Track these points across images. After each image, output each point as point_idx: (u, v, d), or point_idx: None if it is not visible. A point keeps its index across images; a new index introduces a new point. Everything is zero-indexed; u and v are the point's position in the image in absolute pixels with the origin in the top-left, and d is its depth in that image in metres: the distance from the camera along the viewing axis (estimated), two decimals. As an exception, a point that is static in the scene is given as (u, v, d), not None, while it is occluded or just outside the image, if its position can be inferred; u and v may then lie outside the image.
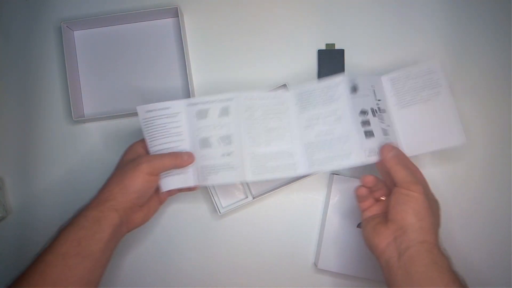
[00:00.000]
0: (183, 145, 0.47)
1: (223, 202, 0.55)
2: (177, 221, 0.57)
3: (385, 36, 0.57)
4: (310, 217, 0.56)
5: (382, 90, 0.49)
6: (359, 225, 0.54)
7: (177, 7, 0.54)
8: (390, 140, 0.48)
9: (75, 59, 0.58)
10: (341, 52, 0.56)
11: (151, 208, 0.49)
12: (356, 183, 0.54)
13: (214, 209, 0.54)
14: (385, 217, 0.44)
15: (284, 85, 0.55)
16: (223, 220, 0.57)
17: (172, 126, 0.47)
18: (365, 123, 0.47)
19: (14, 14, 0.58)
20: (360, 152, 0.47)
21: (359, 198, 0.47)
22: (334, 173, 0.55)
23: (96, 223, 0.43)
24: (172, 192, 0.50)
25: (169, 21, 0.58)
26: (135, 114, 0.56)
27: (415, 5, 0.57)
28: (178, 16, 0.55)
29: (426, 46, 0.56)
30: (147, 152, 0.48)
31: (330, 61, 0.56)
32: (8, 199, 0.57)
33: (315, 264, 0.55)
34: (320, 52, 0.56)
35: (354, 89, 0.47)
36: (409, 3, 0.57)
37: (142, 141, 0.48)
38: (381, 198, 0.48)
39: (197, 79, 0.57)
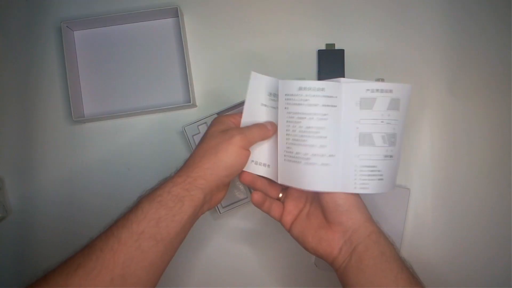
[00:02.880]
0: (330, 135, 0.39)
1: (223, 202, 0.55)
2: (177, 221, 0.57)
3: (385, 36, 0.57)
4: (310, 217, 0.56)
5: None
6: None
7: (177, 7, 0.54)
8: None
9: (75, 59, 0.58)
10: (341, 52, 0.56)
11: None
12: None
13: (214, 209, 0.54)
14: (317, 218, 0.42)
15: None
16: (223, 220, 0.57)
17: (326, 111, 0.39)
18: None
19: (14, 14, 0.58)
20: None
21: (262, 207, 0.44)
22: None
23: (179, 203, 0.39)
24: (250, 179, 0.44)
25: (169, 21, 0.58)
26: (135, 114, 0.56)
27: (415, 5, 0.57)
28: (178, 16, 0.55)
29: (426, 45, 0.56)
30: (236, 125, 0.43)
31: (330, 61, 0.56)
32: (8, 199, 0.57)
33: (315, 264, 0.55)
34: (320, 52, 0.56)
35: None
36: (409, 3, 0.57)
37: (230, 115, 0.44)
38: (279, 195, 0.45)
39: (197, 79, 0.57)
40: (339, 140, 0.39)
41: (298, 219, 0.43)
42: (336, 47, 0.56)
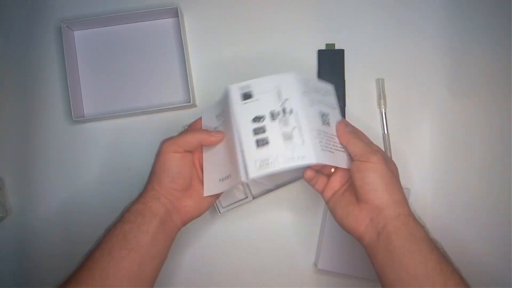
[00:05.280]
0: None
1: (223, 202, 0.55)
2: (177, 221, 0.57)
3: (385, 36, 0.57)
4: (310, 217, 0.56)
5: (291, 87, 0.44)
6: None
7: (177, 7, 0.54)
8: (294, 144, 0.42)
9: (75, 59, 0.58)
10: (341, 52, 0.56)
11: (201, 195, 0.46)
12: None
13: (214, 209, 0.54)
14: (351, 194, 0.43)
15: None
16: (223, 220, 0.57)
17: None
18: (259, 130, 0.43)
19: (14, 14, 0.58)
20: (251, 164, 0.41)
21: (310, 182, 0.46)
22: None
23: (139, 216, 0.42)
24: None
25: (169, 21, 0.58)
26: (135, 114, 0.56)
27: (415, 5, 0.57)
28: (178, 16, 0.55)
29: (426, 45, 0.56)
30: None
31: (330, 61, 0.56)
32: (8, 199, 0.57)
33: (315, 264, 0.56)
34: (320, 52, 0.56)
35: (246, 96, 0.44)
36: (409, 2, 0.57)
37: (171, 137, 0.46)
38: (331, 170, 0.45)
39: (197, 79, 0.57)
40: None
41: (336, 193, 0.45)
42: (336, 47, 0.56)
